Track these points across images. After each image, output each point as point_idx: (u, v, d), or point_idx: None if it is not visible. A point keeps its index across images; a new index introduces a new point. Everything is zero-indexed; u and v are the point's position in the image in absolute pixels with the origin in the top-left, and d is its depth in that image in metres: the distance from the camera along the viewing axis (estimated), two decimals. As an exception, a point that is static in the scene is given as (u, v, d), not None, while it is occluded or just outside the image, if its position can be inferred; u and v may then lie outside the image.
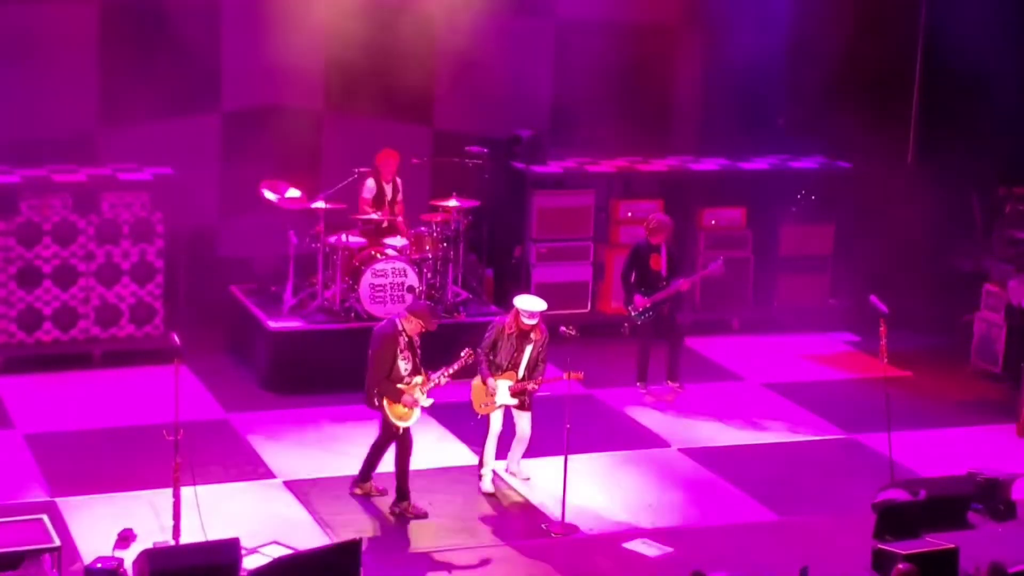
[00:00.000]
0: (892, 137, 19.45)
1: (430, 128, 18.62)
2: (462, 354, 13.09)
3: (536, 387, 13.45)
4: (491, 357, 13.45)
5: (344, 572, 10.93)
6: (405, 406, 12.86)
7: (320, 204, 15.92)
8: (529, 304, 13.37)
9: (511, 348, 13.41)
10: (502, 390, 13.40)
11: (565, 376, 13.17)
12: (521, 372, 13.42)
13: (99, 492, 13.09)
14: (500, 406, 13.47)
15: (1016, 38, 18.70)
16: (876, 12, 18.95)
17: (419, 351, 13.04)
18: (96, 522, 12.46)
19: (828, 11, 19.03)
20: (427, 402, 13.02)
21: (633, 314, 15.84)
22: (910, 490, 12.74)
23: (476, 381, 13.49)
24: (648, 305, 15.77)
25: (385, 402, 12.87)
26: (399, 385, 12.86)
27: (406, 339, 12.93)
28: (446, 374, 13.03)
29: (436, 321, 13.06)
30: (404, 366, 12.92)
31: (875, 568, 11.12)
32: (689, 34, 19.19)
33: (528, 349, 13.41)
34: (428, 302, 14.50)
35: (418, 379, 12.95)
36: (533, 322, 13.31)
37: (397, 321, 13.00)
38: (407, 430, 12.99)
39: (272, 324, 15.99)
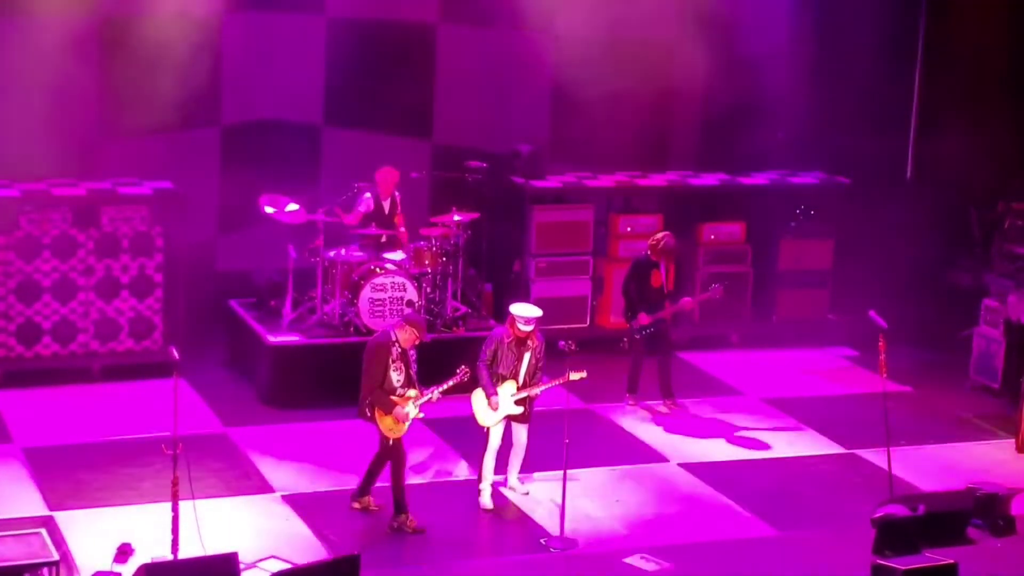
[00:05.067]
0: (891, 152, 19.47)
1: (430, 142, 18.64)
2: (458, 371, 13.12)
3: (538, 393, 13.48)
4: (492, 369, 13.47)
5: (343, 586, 10.92)
6: (396, 418, 12.85)
7: (319, 218, 15.93)
8: (525, 311, 13.41)
9: (512, 357, 13.44)
10: (504, 399, 13.41)
11: (568, 376, 13.15)
12: (521, 379, 13.45)
13: (98, 506, 13.09)
14: (503, 417, 13.48)
15: (1015, 50, 18.74)
16: (875, 26, 18.97)
17: (413, 364, 13.05)
18: (95, 536, 12.44)
19: (827, 25, 19.06)
20: (417, 414, 13.03)
21: (635, 328, 15.86)
22: (909, 505, 12.73)
23: (477, 394, 13.49)
24: (651, 322, 15.81)
25: (376, 412, 12.87)
26: (392, 397, 12.87)
27: (399, 350, 12.93)
28: (439, 390, 13.05)
29: (427, 332, 13.09)
30: (396, 377, 12.91)
31: (874, 583, 11.12)
32: (689, 48, 19.20)
33: (527, 356, 13.44)
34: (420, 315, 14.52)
35: (412, 392, 12.96)
36: (529, 328, 13.35)
37: (391, 331, 13.01)
38: (398, 442, 12.98)
39: (271, 338, 15.98)
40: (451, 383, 13.09)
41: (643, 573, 12.35)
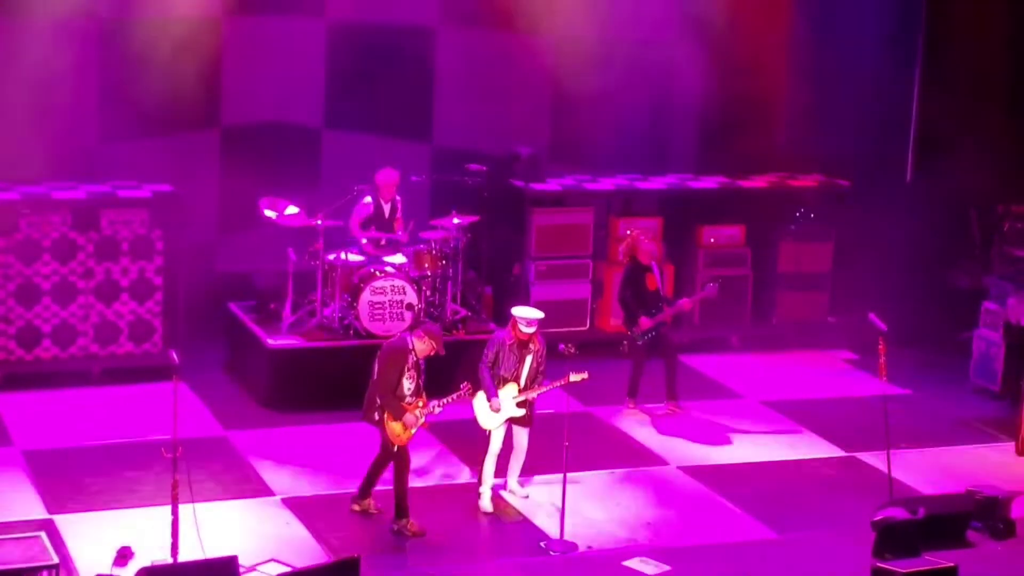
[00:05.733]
0: (891, 154, 19.46)
1: (429, 145, 18.64)
2: (461, 387, 13.13)
3: (536, 395, 13.48)
4: (494, 371, 13.48)
5: (342, 590, 10.93)
6: (405, 425, 12.85)
7: (319, 221, 15.93)
8: (528, 313, 13.44)
9: (513, 359, 13.45)
10: (506, 401, 13.42)
11: (568, 378, 13.15)
12: (523, 382, 13.45)
13: (97, 509, 13.09)
14: (505, 420, 13.48)
15: (1016, 52, 18.74)
16: (875, 29, 18.97)
17: (423, 375, 13.05)
18: (94, 539, 12.44)
19: (827, 28, 19.06)
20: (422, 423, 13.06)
21: (637, 334, 15.85)
22: (909, 508, 12.74)
23: (479, 397, 13.49)
24: (652, 325, 15.82)
25: (385, 417, 12.86)
26: (403, 404, 12.87)
27: (414, 358, 12.94)
28: (442, 403, 13.04)
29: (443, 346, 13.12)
30: (408, 385, 12.91)
31: (874, 586, 11.13)
32: (688, 50, 19.20)
33: (528, 359, 13.45)
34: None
35: (419, 402, 12.96)
36: (532, 330, 13.36)
37: (409, 339, 13.00)
38: (403, 447, 12.98)
39: (271, 341, 15.98)
40: (454, 397, 13.09)
41: (643, 576, 12.37)
